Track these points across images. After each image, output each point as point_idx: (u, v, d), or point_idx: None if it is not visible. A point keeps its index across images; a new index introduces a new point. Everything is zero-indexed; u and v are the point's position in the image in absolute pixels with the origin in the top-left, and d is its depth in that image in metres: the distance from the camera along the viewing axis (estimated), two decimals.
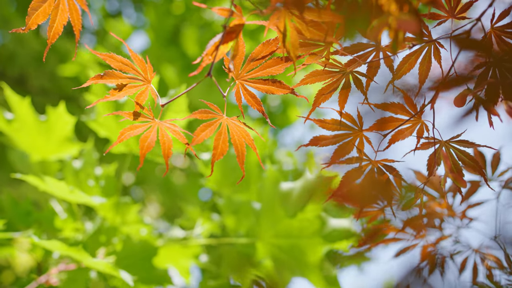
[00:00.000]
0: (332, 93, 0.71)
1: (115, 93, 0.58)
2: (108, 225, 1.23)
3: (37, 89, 2.71)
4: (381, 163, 0.73)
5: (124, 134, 0.59)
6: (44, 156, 1.35)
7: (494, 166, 0.98)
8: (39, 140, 1.32)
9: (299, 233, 1.23)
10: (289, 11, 0.57)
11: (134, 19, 3.05)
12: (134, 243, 1.20)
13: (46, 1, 0.57)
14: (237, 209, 1.33)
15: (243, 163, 0.61)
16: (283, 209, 1.23)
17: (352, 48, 0.69)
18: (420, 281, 0.94)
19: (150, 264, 1.17)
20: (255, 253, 1.27)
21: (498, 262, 0.93)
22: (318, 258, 1.21)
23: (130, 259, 1.17)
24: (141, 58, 0.59)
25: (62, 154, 1.36)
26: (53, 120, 1.31)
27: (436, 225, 0.99)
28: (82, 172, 1.31)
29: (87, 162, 1.32)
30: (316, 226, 1.21)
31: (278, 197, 1.24)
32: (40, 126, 1.31)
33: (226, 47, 0.59)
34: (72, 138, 1.34)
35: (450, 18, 0.67)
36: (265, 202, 1.27)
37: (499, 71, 0.66)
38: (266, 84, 0.62)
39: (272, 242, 1.25)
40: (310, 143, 0.75)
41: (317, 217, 1.21)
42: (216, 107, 0.61)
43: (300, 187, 1.22)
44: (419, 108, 0.72)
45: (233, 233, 1.34)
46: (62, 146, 1.34)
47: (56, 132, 1.32)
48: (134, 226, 1.30)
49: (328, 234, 1.20)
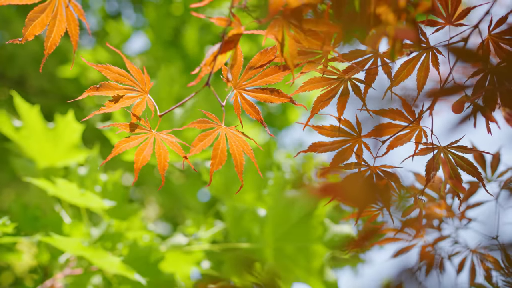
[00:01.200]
0: (330, 100, 0.71)
1: (111, 104, 0.57)
2: (113, 231, 1.24)
3: (37, 90, 2.71)
4: (380, 169, 0.73)
5: (120, 147, 0.59)
6: (51, 163, 1.36)
7: (494, 167, 0.98)
8: (47, 147, 1.33)
9: (302, 239, 1.24)
10: (287, 20, 0.57)
11: (133, 20, 3.05)
12: (140, 248, 1.21)
13: (44, 12, 0.57)
14: (241, 216, 1.34)
15: (242, 173, 0.61)
16: (288, 215, 1.24)
17: (350, 55, 0.70)
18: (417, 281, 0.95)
19: (156, 269, 1.18)
20: (258, 258, 1.28)
21: (496, 263, 0.93)
22: (319, 263, 1.22)
23: (136, 263, 1.18)
24: (138, 69, 0.59)
25: (69, 161, 1.37)
26: (61, 128, 1.32)
27: (434, 226, 0.99)
28: (88, 178, 1.32)
29: (93, 168, 1.33)
30: (319, 232, 1.22)
31: (283, 203, 1.25)
32: (48, 133, 1.32)
33: (225, 57, 0.59)
34: (79, 145, 1.35)
35: (448, 25, 0.67)
36: (270, 209, 1.28)
37: (497, 77, 0.66)
38: (264, 93, 0.62)
39: (276, 247, 1.26)
40: (309, 149, 0.75)
41: (321, 223, 1.22)
42: (215, 117, 0.61)
43: (305, 195, 1.24)
44: (418, 114, 0.72)
45: (235, 240, 1.34)
46: (69, 153, 1.35)
47: (64, 140, 1.33)
48: (138, 232, 1.31)
49: (330, 240, 1.21)
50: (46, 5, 0.57)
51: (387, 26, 0.56)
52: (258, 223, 1.30)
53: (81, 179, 1.33)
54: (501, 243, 0.91)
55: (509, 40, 0.66)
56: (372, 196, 0.75)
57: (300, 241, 1.24)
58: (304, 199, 1.25)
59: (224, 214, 1.35)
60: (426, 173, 0.74)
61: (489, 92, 0.66)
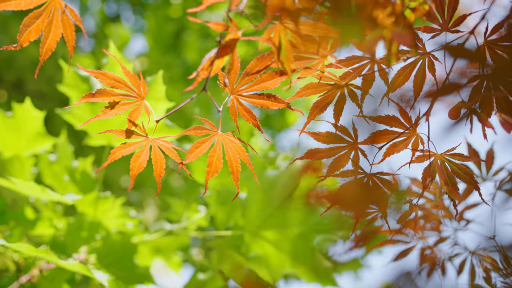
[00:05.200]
0: (327, 107, 0.71)
1: (107, 111, 0.57)
2: (89, 221, 1.21)
3: (35, 93, 2.70)
4: (377, 176, 0.73)
5: (116, 154, 0.59)
6: (16, 152, 1.32)
7: (488, 165, 0.98)
8: (9, 137, 1.29)
9: (286, 223, 1.17)
10: (283, 25, 0.57)
11: (132, 22, 3.05)
12: (114, 241, 1.18)
13: (39, 17, 0.57)
14: (224, 201, 1.29)
15: (238, 180, 0.61)
16: (269, 198, 1.17)
17: (347, 61, 0.70)
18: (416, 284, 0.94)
19: (131, 262, 1.15)
20: (243, 245, 1.22)
21: (494, 264, 0.93)
22: (308, 249, 1.15)
23: (110, 257, 1.15)
24: (134, 74, 0.59)
25: (35, 149, 1.33)
26: (20, 116, 1.28)
27: (433, 228, 0.99)
28: (58, 165, 1.29)
29: (63, 155, 1.30)
30: (304, 214, 1.15)
31: (264, 186, 1.18)
32: (7, 122, 1.28)
33: (222, 62, 0.59)
34: (43, 133, 1.31)
35: (444, 32, 0.67)
36: (250, 192, 1.21)
37: (493, 83, 0.66)
38: (261, 99, 0.62)
39: (258, 233, 1.20)
40: (305, 156, 0.75)
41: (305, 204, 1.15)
42: (211, 123, 0.61)
43: (287, 175, 1.17)
44: (414, 120, 0.72)
45: (222, 226, 1.29)
46: (34, 141, 1.31)
47: (26, 128, 1.29)
48: (119, 220, 1.28)
49: (317, 223, 1.14)
50: (42, 11, 0.57)
51: (383, 29, 0.56)
52: (240, 207, 1.24)
53: (52, 165, 1.30)
54: (499, 245, 0.91)
55: (505, 46, 0.66)
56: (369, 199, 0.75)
57: (283, 225, 1.17)
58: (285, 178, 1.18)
59: (208, 199, 1.31)
60: (423, 180, 0.74)
61: (485, 98, 0.66)
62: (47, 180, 1.33)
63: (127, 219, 1.28)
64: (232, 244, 1.23)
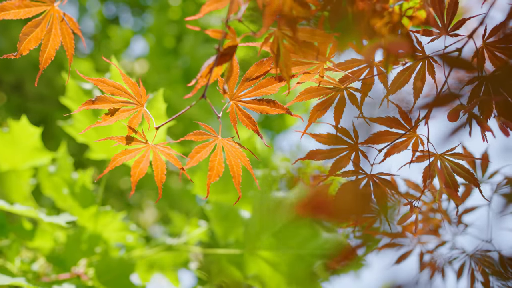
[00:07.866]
0: (327, 110, 0.71)
1: (107, 118, 0.57)
2: (89, 233, 1.20)
3: (34, 95, 2.70)
4: (377, 177, 0.73)
5: (116, 160, 0.59)
6: (13, 166, 1.33)
7: (484, 168, 0.99)
8: (6, 151, 1.30)
9: (286, 245, 1.17)
10: (281, 32, 0.58)
11: (131, 24, 3.05)
12: (112, 258, 1.17)
13: (38, 26, 0.57)
14: (225, 216, 1.29)
15: (239, 184, 0.61)
16: (273, 219, 1.18)
17: (346, 65, 0.70)
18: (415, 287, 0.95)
19: (127, 281, 1.14)
20: (242, 262, 1.22)
21: (493, 267, 0.93)
22: (308, 272, 1.15)
23: (108, 274, 1.14)
24: (134, 81, 0.59)
25: (33, 163, 1.33)
26: (17, 132, 1.28)
27: (431, 231, 0.99)
28: (57, 176, 1.29)
29: (62, 167, 1.29)
30: (308, 237, 1.15)
31: (269, 206, 1.19)
32: (4, 138, 1.29)
33: (220, 69, 0.59)
34: (41, 148, 1.31)
35: (443, 35, 0.67)
36: (255, 211, 1.21)
37: (492, 86, 0.66)
38: (260, 104, 0.62)
39: (258, 254, 1.20)
40: (307, 157, 0.75)
41: (309, 228, 1.15)
42: (211, 128, 0.61)
43: (294, 197, 1.18)
44: (414, 122, 0.72)
45: (222, 241, 1.29)
46: (31, 155, 1.31)
47: (23, 143, 1.29)
48: (119, 233, 1.28)
49: (320, 246, 1.15)
50: (41, 20, 0.57)
51: (381, 38, 0.56)
52: (242, 225, 1.24)
53: (51, 177, 1.29)
54: (497, 249, 0.91)
55: (504, 49, 0.66)
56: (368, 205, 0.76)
57: (283, 247, 1.17)
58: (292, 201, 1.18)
59: (209, 213, 1.31)
60: (423, 180, 0.74)
61: (484, 101, 0.66)
62: (46, 191, 1.33)
63: (128, 233, 1.28)
64: (232, 260, 1.23)
